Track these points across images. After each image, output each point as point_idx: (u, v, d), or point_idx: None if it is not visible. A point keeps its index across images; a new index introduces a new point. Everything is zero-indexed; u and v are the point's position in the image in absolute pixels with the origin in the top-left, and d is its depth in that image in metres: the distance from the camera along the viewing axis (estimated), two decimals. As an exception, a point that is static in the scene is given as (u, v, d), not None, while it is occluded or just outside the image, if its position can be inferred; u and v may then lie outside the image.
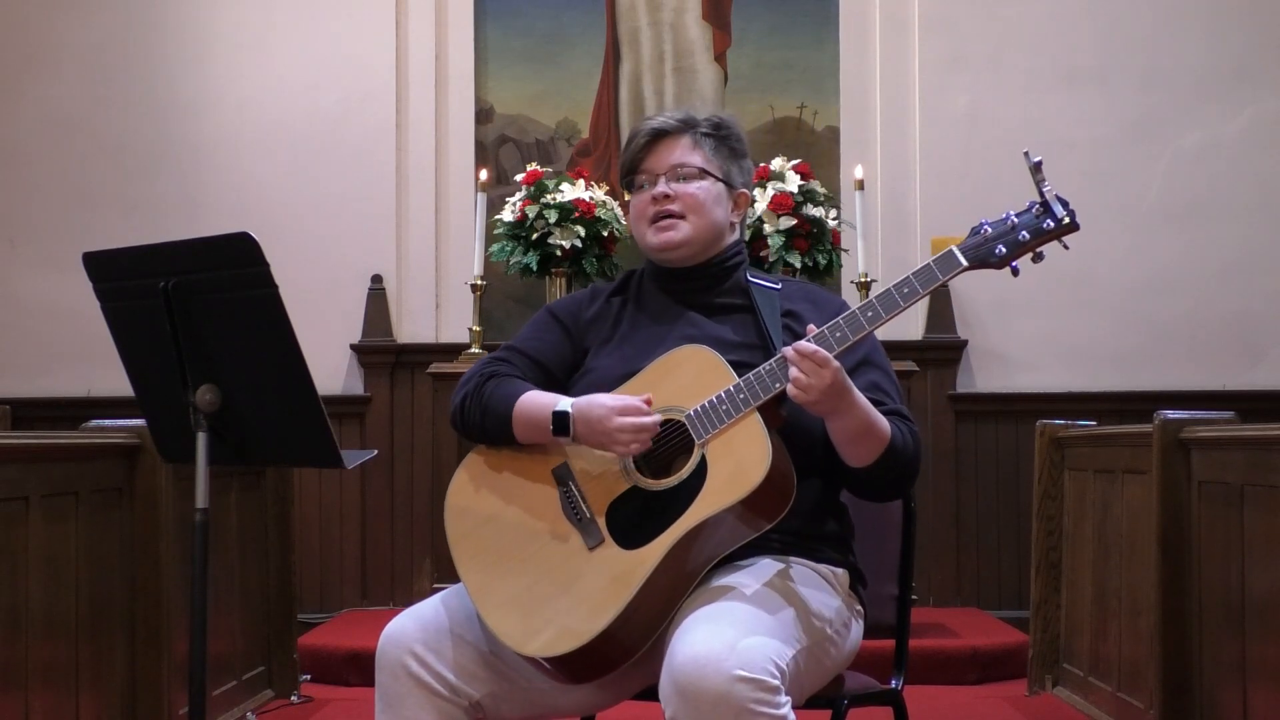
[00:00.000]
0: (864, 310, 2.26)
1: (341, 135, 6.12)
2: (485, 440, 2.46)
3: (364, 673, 4.68)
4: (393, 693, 2.32)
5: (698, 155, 2.52)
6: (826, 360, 2.20)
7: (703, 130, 2.54)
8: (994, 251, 2.26)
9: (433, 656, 2.32)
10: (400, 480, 6.01)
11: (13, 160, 6.15)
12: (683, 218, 2.50)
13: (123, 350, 2.47)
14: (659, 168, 2.52)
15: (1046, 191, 2.26)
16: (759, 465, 2.21)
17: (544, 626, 2.25)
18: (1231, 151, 6.07)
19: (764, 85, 6.20)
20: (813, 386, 2.20)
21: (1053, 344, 6.00)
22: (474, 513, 2.41)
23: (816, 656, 2.31)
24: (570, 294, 2.70)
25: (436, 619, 2.36)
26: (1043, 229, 2.26)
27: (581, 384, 2.49)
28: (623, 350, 2.50)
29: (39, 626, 3.08)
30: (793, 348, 2.22)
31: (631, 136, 2.58)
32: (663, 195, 2.50)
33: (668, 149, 2.53)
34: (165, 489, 3.56)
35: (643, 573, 2.22)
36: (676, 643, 2.14)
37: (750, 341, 2.45)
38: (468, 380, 2.51)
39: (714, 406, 2.28)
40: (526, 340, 2.59)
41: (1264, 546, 3.16)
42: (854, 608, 2.46)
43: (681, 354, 2.37)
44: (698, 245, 2.52)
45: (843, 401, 2.23)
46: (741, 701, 2.06)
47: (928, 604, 5.79)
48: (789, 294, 2.53)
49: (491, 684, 2.33)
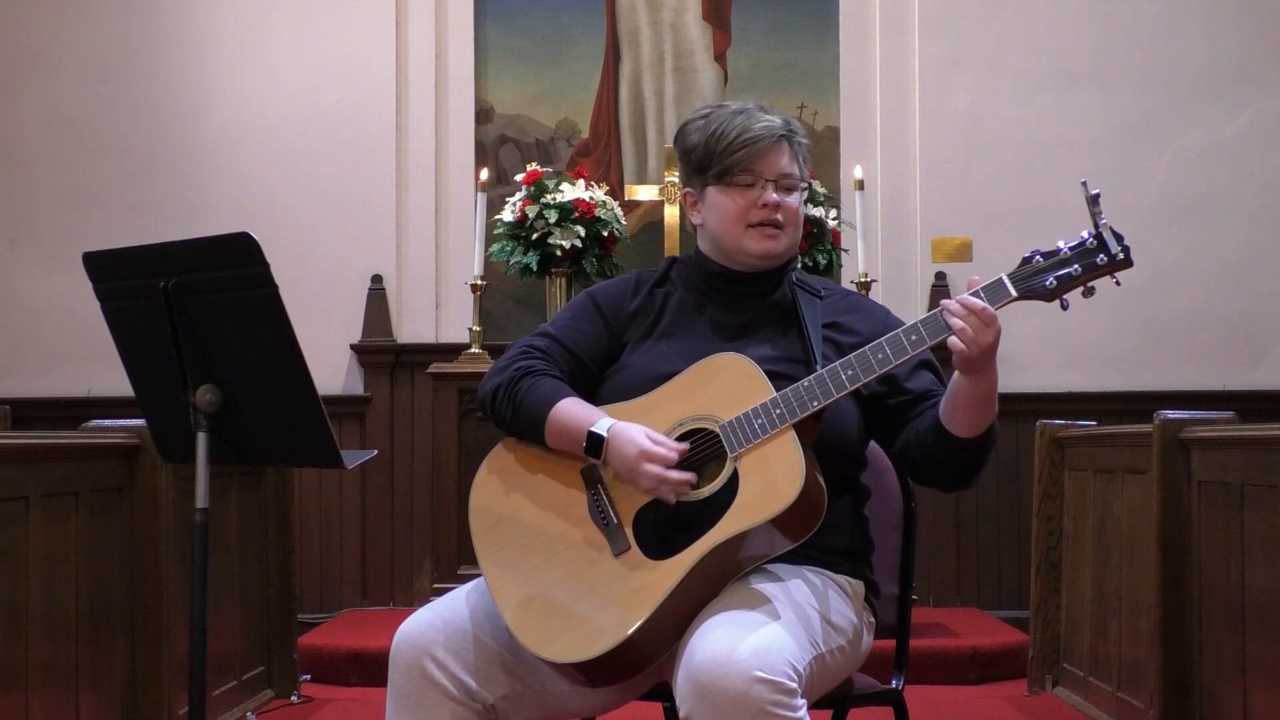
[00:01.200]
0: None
1: (341, 135, 6.12)
2: (515, 435, 2.43)
3: (364, 673, 4.68)
4: (408, 693, 2.29)
5: (796, 166, 2.48)
6: (994, 318, 2.17)
7: (799, 138, 2.49)
8: (1045, 284, 2.20)
9: (452, 660, 2.28)
10: (400, 480, 6.01)
11: (13, 160, 6.15)
12: (782, 228, 2.45)
13: (123, 350, 2.47)
14: (768, 172, 2.44)
15: (1102, 225, 2.20)
16: (792, 484, 2.18)
17: (565, 631, 2.23)
18: (1231, 151, 6.08)
19: (764, 85, 6.20)
20: (977, 342, 2.17)
21: (1053, 344, 6.00)
22: (498, 509, 2.38)
23: (828, 664, 2.30)
24: (613, 280, 2.59)
25: (458, 619, 2.32)
26: (1096, 264, 2.20)
27: (616, 379, 2.45)
28: (659, 349, 2.46)
29: (39, 626, 3.08)
30: (959, 301, 2.18)
31: (732, 131, 2.44)
32: (775, 204, 2.43)
33: (776, 154, 2.45)
34: (165, 489, 3.56)
35: (668, 585, 2.19)
36: (696, 642, 2.13)
37: (791, 354, 2.42)
38: (502, 369, 2.46)
39: (749, 419, 2.24)
40: (565, 328, 2.51)
41: (1264, 546, 3.16)
42: (867, 620, 2.46)
43: (719, 362, 2.33)
44: (786, 257, 2.49)
45: (990, 362, 2.21)
46: (759, 703, 2.05)
47: (928, 604, 5.79)
48: (833, 304, 2.50)
49: (508, 686, 2.31)
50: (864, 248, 5.49)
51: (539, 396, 2.38)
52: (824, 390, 2.23)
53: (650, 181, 6.07)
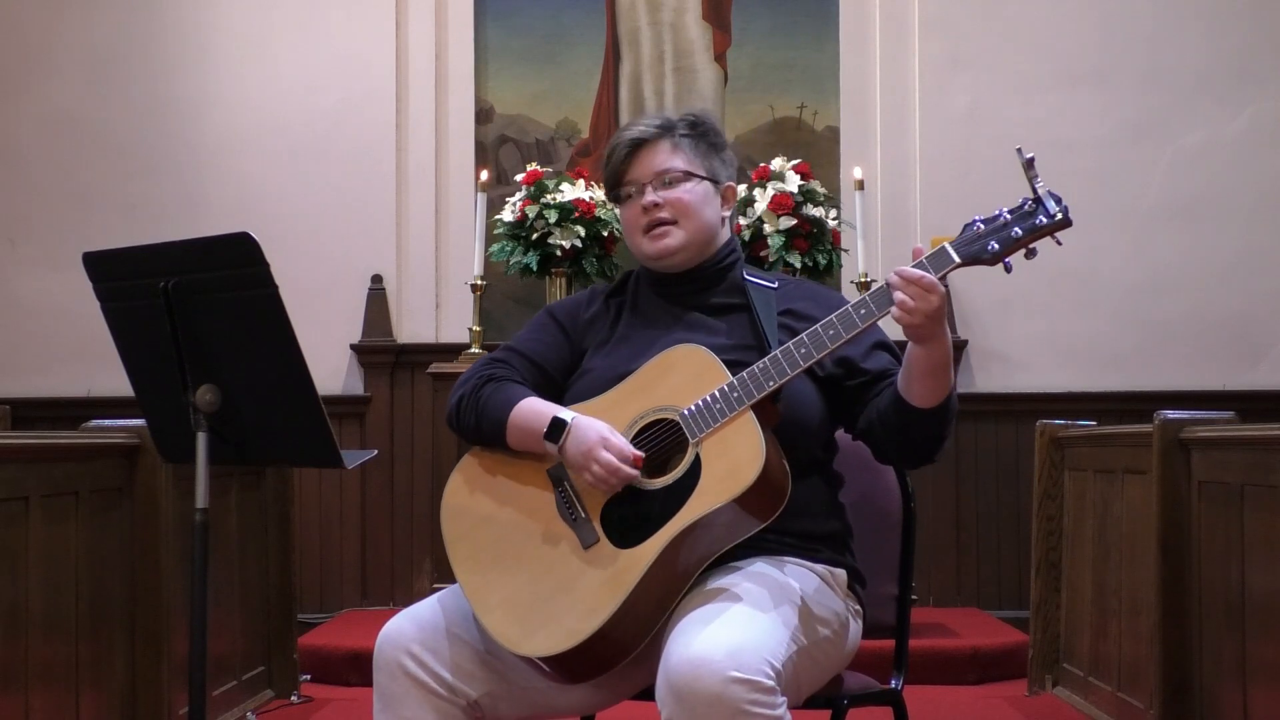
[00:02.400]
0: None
1: (341, 135, 6.12)
2: (480, 442, 2.47)
3: (364, 673, 4.66)
4: (391, 692, 2.32)
5: (679, 158, 2.51)
6: (934, 285, 2.19)
7: (681, 131, 2.53)
8: (986, 248, 2.24)
9: (430, 656, 2.32)
10: (400, 480, 6.01)
11: (13, 160, 6.15)
12: (674, 223, 2.49)
13: (123, 350, 2.47)
14: (643, 176, 2.51)
15: (1039, 187, 2.25)
16: (753, 463, 2.21)
17: (539, 627, 2.25)
18: (1231, 151, 6.08)
19: (764, 85, 6.20)
20: (918, 309, 2.18)
21: (1053, 344, 6.00)
22: (470, 514, 2.42)
23: (814, 657, 2.30)
24: (570, 295, 2.70)
25: (433, 618, 2.36)
26: (1036, 225, 2.24)
27: (578, 385, 2.49)
28: (619, 351, 2.50)
29: (39, 626, 3.08)
30: (898, 273, 2.20)
31: (611, 149, 2.56)
32: (652, 204, 2.49)
33: (649, 156, 2.51)
34: (165, 489, 3.56)
35: (637, 571, 2.22)
36: (672, 645, 2.14)
37: (746, 342, 2.44)
38: (465, 382, 2.51)
39: (708, 405, 2.28)
40: (525, 341, 2.59)
41: (1264, 546, 3.16)
42: (852, 608, 2.46)
43: (676, 354, 2.37)
44: (693, 249, 2.52)
45: (939, 328, 2.22)
46: (736, 702, 2.06)
47: (928, 604, 5.79)
48: (786, 292, 2.53)
49: (489, 683, 2.33)
50: (864, 248, 5.49)
51: (501, 399, 2.43)
52: (779, 370, 2.26)
53: (650, 181, 6.05)
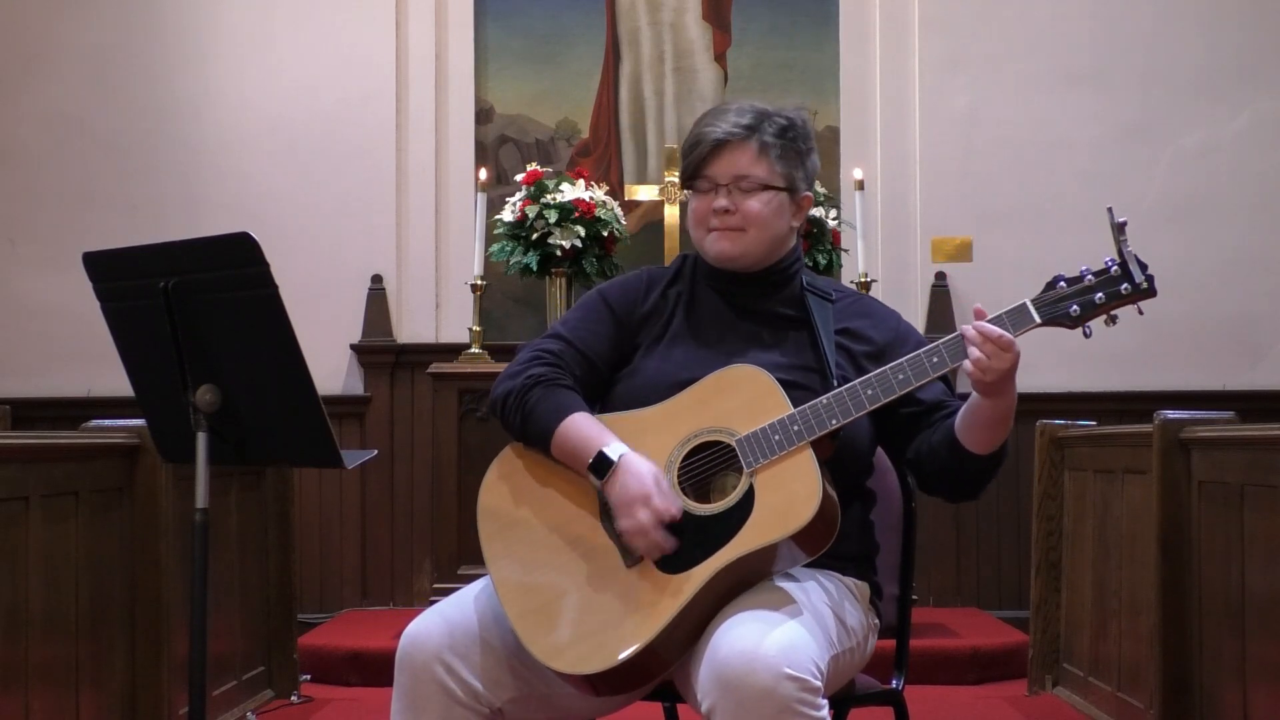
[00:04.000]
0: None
1: (341, 135, 6.12)
2: (521, 441, 2.41)
3: (364, 673, 4.68)
4: (414, 696, 2.28)
5: (762, 166, 2.43)
6: (1011, 344, 2.18)
7: (768, 137, 2.44)
8: (1068, 310, 2.22)
9: (460, 663, 2.27)
10: (400, 480, 6.01)
11: (13, 160, 6.15)
12: (741, 230, 2.43)
13: (123, 350, 2.47)
14: (721, 176, 2.42)
15: (1128, 253, 2.21)
16: (809, 502, 2.17)
17: (574, 642, 2.21)
18: (1231, 151, 6.08)
19: (764, 85, 6.20)
20: (992, 369, 2.18)
21: (1053, 344, 5.95)
22: (508, 512, 2.35)
23: (840, 664, 2.31)
24: (625, 278, 2.56)
25: (465, 621, 2.30)
26: (1119, 292, 2.21)
27: (628, 383, 2.44)
28: (673, 354, 2.44)
29: (39, 626, 3.07)
30: (976, 328, 2.19)
31: (696, 140, 2.46)
32: (723, 209, 2.42)
33: (732, 156, 2.43)
34: (165, 489, 3.56)
35: (681, 599, 2.18)
36: (720, 637, 2.12)
37: (805, 363, 2.40)
38: (513, 374, 2.42)
39: (766, 435, 2.23)
40: (576, 329, 2.48)
41: (1264, 546, 3.16)
42: (871, 621, 2.46)
43: (736, 374, 2.31)
44: (755, 257, 2.46)
45: (1008, 385, 2.22)
46: (786, 699, 2.05)
47: (928, 604, 5.79)
48: (844, 308, 2.49)
49: (515, 690, 2.29)
50: (864, 248, 5.49)
51: (548, 408, 2.35)
52: (843, 409, 2.23)
53: (650, 181, 6.06)
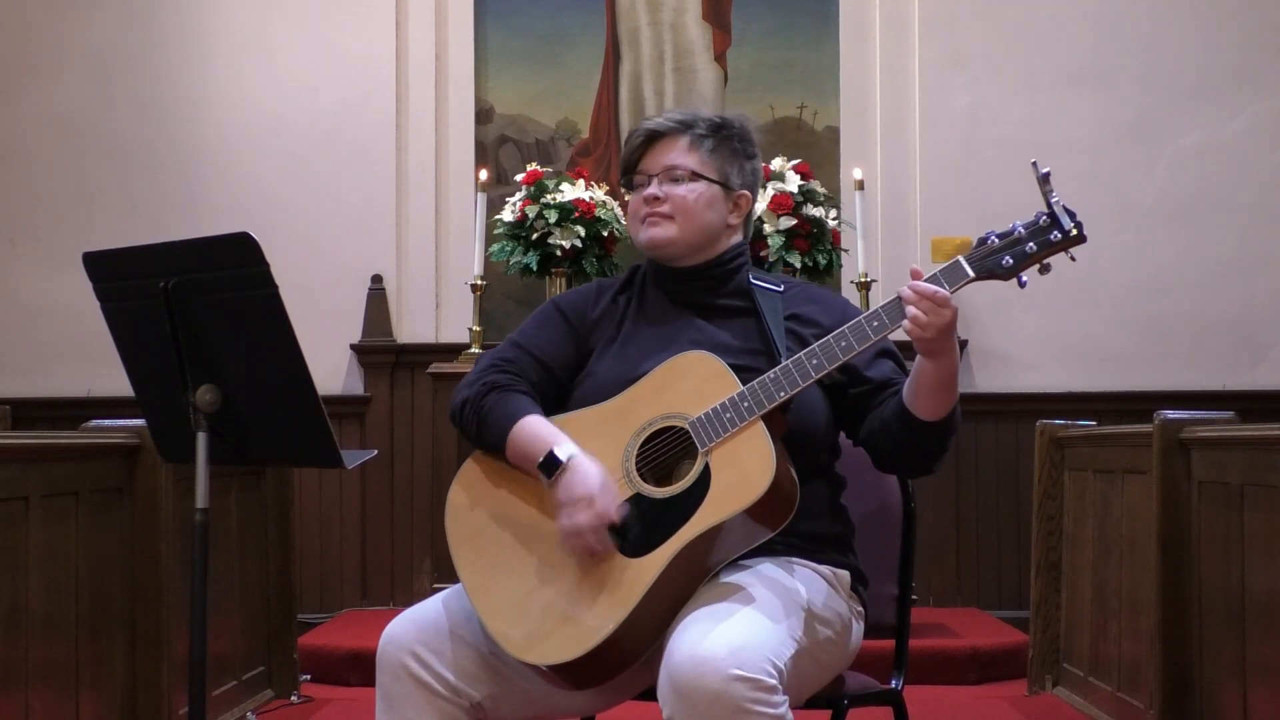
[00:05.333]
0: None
1: (341, 135, 6.12)
2: (480, 448, 2.46)
3: (364, 673, 4.68)
4: (394, 693, 2.32)
5: (693, 157, 2.51)
6: (947, 300, 2.21)
7: (700, 131, 2.53)
8: (1000, 262, 2.24)
9: (433, 657, 2.31)
10: (400, 480, 6.01)
11: (13, 160, 6.14)
12: (671, 218, 2.49)
13: (123, 350, 2.47)
14: (652, 168, 2.52)
15: (1054, 202, 2.24)
16: (763, 474, 2.20)
17: (544, 634, 2.24)
18: (1231, 151, 6.07)
19: (764, 85, 6.20)
20: (931, 324, 2.21)
21: (1053, 344, 5.99)
22: (475, 516, 2.40)
23: (816, 657, 2.31)
24: (576, 289, 2.66)
25: (436, 620, 2.35)
26: (1050, 241, 2.24)
27: (584, 385, 2.48)
28: (625, 353, 2.49)
29: (39, 626, 3.08)
30: (911, 288, 2.22)
31: (630, 136, 2.59)
32: (652, 197, 2.50)
33: (663, 149, 2.52)
34: (165, 489, 3.56)
35: (645, 582, 2.21)
36: (675, 642, 2.14)
37: (753, 346, 2.44)
38: (470, 383, 2.49)
39: (718, 414, 2.27)
40: (531, 337, 2.55)
41: (1264, 546, 3.16)
42: (855, 609, 2.46)
43: (684, 360, 2.36)
44: (684, 246, 2.51)
45: (949, 343, 2.25)
46: (738, 700, 2.06)
47: (928, 604, 5.79)
48: (792, 296, 2.53)
49: (491, 685, 2.33)
50: (864, 248, 5.49)
51: (502, 413, 2.40)
52: (790, 380, 2.26)
53: (650, 181, 6.06)
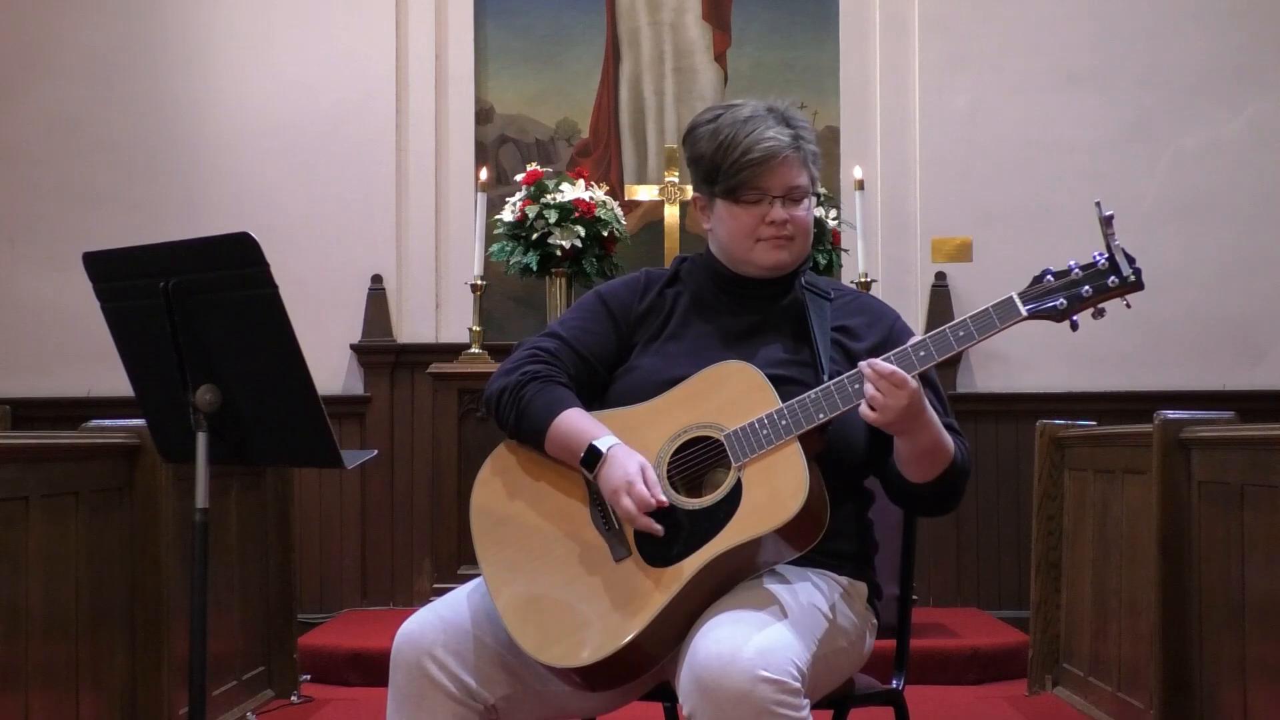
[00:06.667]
0: (918, 347, 2.20)
1: (341, 135, 6.12)
2: (515, 439, 2.42)
3: (364, 673, 4.67)
4: (408, 693, 2.29)
5: (805, 176, 2.43)
6: (905, 381, 2.16)
7: (808, 145, 2.45)
8: (1055, 304, 2.20)
9: (453, 660, 2.28)
10: (400, 480, 6.01)
11: (13, 160, 6.15)
12: (793, 238, 2.43)
13: (123, 350, 2.47)
14: (774, 189, 2.40)
15: (1115, 246, 2.18)
16: (795, 496, 2.18)
17: (562, 636, 2.23)
18: (1231, 151, 6.08)
19: (764, 85, 6.19)
20: (889, 407, 2.16)
21: (1053, 344, 5.99)
22: (499, 510, 2.37)
23: (831, 664, 2.30)
24: (622, 279, 2.57)
25: (458, 619, 2.32)
26: (1107, 286, 2.18)
27: (624, 380, 2.44)
28: (668, 351, 2.44)
29: (39, 626, 3.07)
30: (870, 365, 2.17)
31: (742, 151, 2.40)
32: (783, 220, 2.41)
33: (785, 169, 2.40)
34: (165, 489, 3.56)
35: (667, 594, 2.19)
36: (699, 640, 2.13)
37: (800, 359, 2.40)
38: (508, 372, 2.44)
39: (755, 430, 2.23)
40: (574, 329, 2.49)
41: (1264, 546, 3.16)
42: (869, 620, 2.46)
43: (726, 370, 2.32)
44: (796, 264, 2.48)
45: (916, 422, 2.20)
46: (763, 702, 2.05)
47: (928, 604, 5.79)
48: (841, 305, 2.49)
49: (508, 686, 2.31)
50: (864, 248, 5.49)
51: (543, 404, 2.36)
52: (830, 403, 2.22)
53: (650, 181, 6.07)
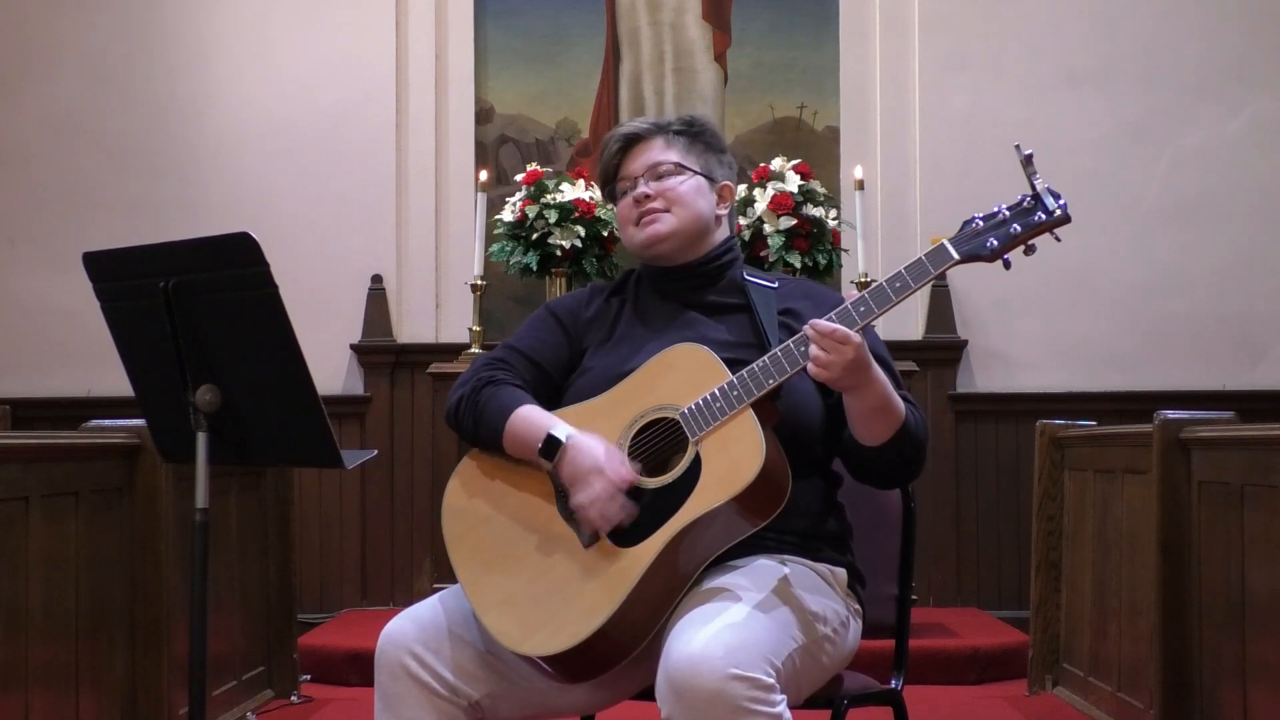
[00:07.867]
0: (858, 304, 2.25)
1: (341, 135, 6.12)
2: (478, 445, 2.47)
3: (364, 673, 4.67)
4: (392, 692, 2.32)
5: (672, 152, 2.54)
6: (847, 337, 2.20)
7: (674, 130, 2.56)
8: (985, 244, 2.24)
9: (432, 656, 2.32)
10: (400, 480, 6.02)
11: (13, 160, 6.15)
12: (665, 211, 2.51)
13: (123, 350, 2.47)
14: (636, 170, 2.54)
15: (1038, 184, 2.25)
16: (752, 462, 2.21)
17: (540, 625, 2.25)
18: (1231, 151, 6.08)
19: (764, 85, 6.20)
20: (834, 363, 2.20)
21: (1053, 344, 6.00)
22: (470, 514, 2.41)
23: (814, 656, 2.31)
24: (570, 292, 2.69)
25: (435, 619, 2.36)
26: (1034, 221, 2.24)
27: (578, 383, 2.49)
28: (619, 350, 2.50)
29: (39, 626, 3.08)
30: (811, 325, 2.22)
31: (604, 146, 2.59)
32: (644, 195, 2.51)
33: (642, 151, 2.55)
34: (165, 489, 3.56)
35: (637, 571, 2.22)
36: (672, 642, 2.14)
37: (746, 340, 2.45)
38: (464, 382, 2.51)
39: (707, 404, 2.28)
40: (524, 339, 2.58)
41: (1264, 546, 3.16)
42: (852, 607, 2.46)
43: (675, 353, 2.37)
44: (683, 238, 2.52)
45: (863, 377, 2.23)
46: (735, 700, 2.06)
47: (928, 604, 5.79)
48: (786, 292, 2.53)
49: (490, 684, 2.34)
50: (864, 248, 5.48)
51: (498, 405, 2.42)
52: (778, 368, 2.26)
53: (650, 181, 6.06)
